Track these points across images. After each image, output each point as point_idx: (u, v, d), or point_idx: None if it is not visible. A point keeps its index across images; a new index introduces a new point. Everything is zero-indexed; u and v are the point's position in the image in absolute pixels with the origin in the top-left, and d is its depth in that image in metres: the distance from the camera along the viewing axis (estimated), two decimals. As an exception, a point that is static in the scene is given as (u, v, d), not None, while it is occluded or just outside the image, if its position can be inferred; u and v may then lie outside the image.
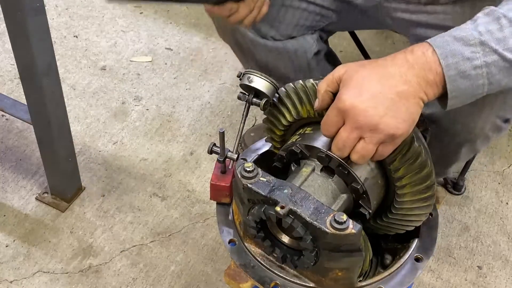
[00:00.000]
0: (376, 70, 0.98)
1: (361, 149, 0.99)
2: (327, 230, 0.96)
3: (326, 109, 1.04)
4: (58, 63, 1.54)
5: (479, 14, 1.00)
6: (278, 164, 1.14)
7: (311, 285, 1.09)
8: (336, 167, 1.05)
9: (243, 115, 1.16)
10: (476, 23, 0.99)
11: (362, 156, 0.99)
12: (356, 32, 1.96)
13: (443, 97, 1.00)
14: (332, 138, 1.03)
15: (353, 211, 1.10)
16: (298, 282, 1.09)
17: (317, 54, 1.56)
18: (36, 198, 1.82)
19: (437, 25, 1.34)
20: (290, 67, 1.56)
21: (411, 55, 0.98)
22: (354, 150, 0.99)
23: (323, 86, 1.02)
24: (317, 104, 1.05)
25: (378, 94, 0.96)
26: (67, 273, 1.67)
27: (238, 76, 1.14)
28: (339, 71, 1.00)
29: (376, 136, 0.97)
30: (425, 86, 0.97)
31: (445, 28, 1.27)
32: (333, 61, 1.66)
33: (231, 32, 1.54)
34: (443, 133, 1.35)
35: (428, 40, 1.00)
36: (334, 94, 1.01)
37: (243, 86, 1.13)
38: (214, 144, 1.15)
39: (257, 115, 2.07)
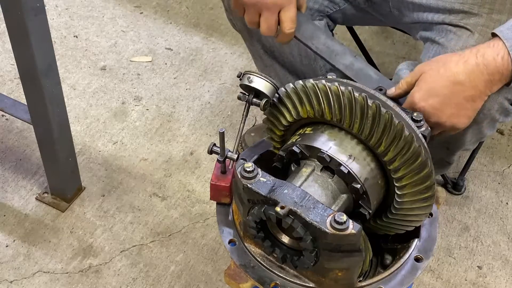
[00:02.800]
0: (449, 74, 1.11)
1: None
2: (327, 230, 0.96)
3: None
4: (58, 63, 1.54)
5: None
6: (278, 164, 1.14)
7: (311, 285, 1.09)
8: (336, 167, 1.05)
9: (243, 115, 1.16)
10: None
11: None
12: (357, 32, 1.97)
13: None
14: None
15: (353, 211, 1.10)
16: (298, 282, 1.09)
17: None
18: (36, 198, 1.82)
19: (444, 8, 1.35)
20: (295, 52, 1.56)
21: (482, 59, 1.10)
22: None
23: (407, 80, 1.16)
24: (393, 91, 1.18)
25: (447, 99, 1.11)
26: (67, 273, 1.67)
27: (238, 76, 1.14)
28: (422, 69, 1.14)
29: (440, 128, 1.15)
30: (491, 86, 1.12)
31: (453, 11, 1.30)
32: None
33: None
34: None
35: (497, 32, 1.11)
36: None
37: (243, 86, 1.13)
38: (214, 144, 1.15)
39: (257, 115, 2.08)
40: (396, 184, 1.07)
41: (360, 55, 1.30)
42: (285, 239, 1.08)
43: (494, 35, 1.15)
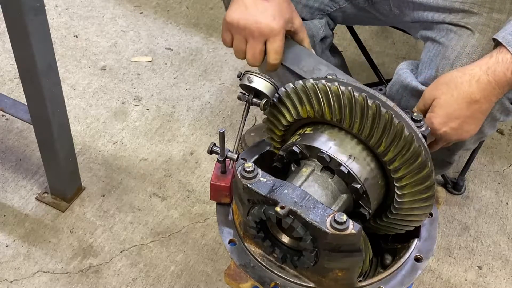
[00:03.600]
0: (464, 96, 1.15)
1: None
2: (327, 230, 0.96)
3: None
4: (58, 63, 1.54)
5: None
6: (278, 164, 1.14)
7: (311, 285, 1.09)
8: (336, 167, 1.05)
9: (243, 115, 1.16)
10: None
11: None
12: (357, 32, 1.96)
13: None
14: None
15: (353, 211, 1.10)
16: (298, 282, 1.09)
17: (323, 41, 1.56)
18: (36, 198, 1.82)
19: (445, 7, 1.35)
20: None
21: (493, 76, 1.14)
22: None
23: (420, 107, 1.21)
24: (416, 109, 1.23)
25: (467, 118, 1.16)
26: (67, 273, 1.67)
27: (238, 76, 1.14)
28: (433, 94, 1.18)
29: (459, 141, 1.22)
30: (501, 95, 1.17)
31: (453, 10, 1.31)
32: (337, 56, 1.67)
33: None
34: None
35: (500, 39, 1.14)
36: None
37: (243, 86, 1.13)
38: (214, 144, 1.15)
39: (257, 115, 2.08)
40: (396, 184, 1.07)
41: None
42: (285, 239, 1.08)
43: (496, 41, 1.17)
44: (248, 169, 1.02)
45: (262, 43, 1.26)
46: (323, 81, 1.07)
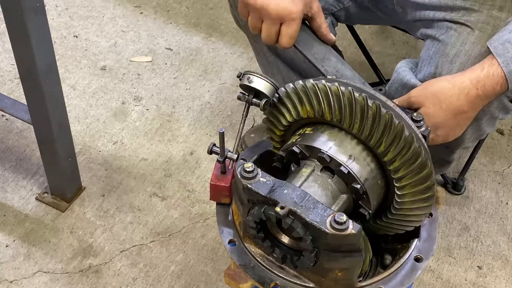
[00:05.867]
0: (452, 108, 1.17)
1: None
2: (327, 230, 0.96)
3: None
4: (58, 63, 1.54)
5: None
6: (278, 164, 1.14)
7: (311, 285, 1.09)
8: (336, 168, 1.05)
9: (243, 115, 1.16)
10: None
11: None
12: (357, 32, 1.96)
13: None
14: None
15: (353, 212, 1.10)
16: (298, 282, 1.09)
17: None
18: (36, 198, 1.82)
19: (447, 6, 1.36)
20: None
21: (482, 90, 1.16)
22: None
23: (402, 104, 1.21)
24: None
25: (454, 126, 1.20)
26: (67, 273, 1.67)
27: (238, 76, 1.14)
28: (421, 101, 1.19)
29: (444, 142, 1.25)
30: (488, 102, 1.20)
31: (455, 8, 1.31)
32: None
33: None
34: None
35: (491, 49, 1.16)
36: None
37: (243, 87, 1.13)
38: (214, 144, 1.15)
39: (256, 115, 2.07)
40: (396, 185, 1.07)
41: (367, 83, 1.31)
42: (285, 239, 1.08)
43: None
44: (248, 169, 1.02)
45: (278, 25, 1.24)
46: (323, 81, 1.07)
